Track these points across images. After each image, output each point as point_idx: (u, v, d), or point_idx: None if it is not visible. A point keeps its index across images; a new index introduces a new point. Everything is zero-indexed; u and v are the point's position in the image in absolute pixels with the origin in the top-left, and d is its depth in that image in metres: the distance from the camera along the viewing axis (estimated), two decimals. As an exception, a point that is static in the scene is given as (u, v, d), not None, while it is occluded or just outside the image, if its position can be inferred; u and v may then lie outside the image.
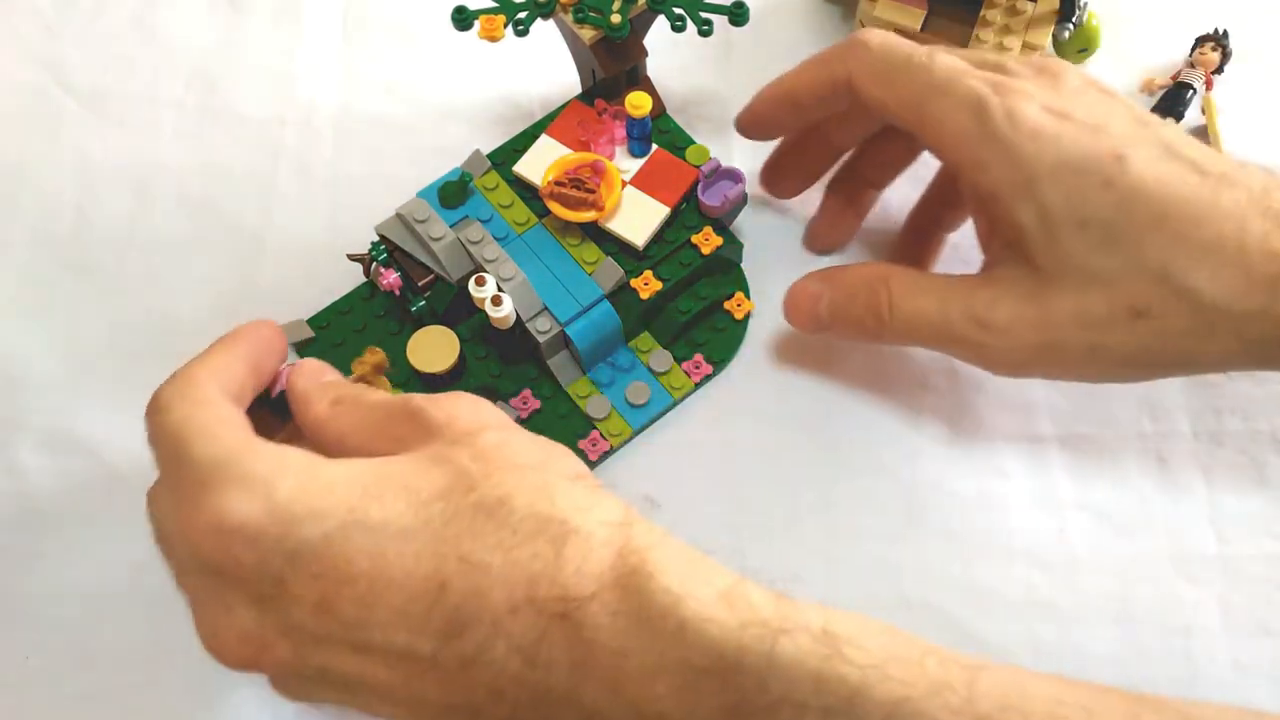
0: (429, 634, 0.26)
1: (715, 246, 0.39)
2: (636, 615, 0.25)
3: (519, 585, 0.26)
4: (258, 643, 0.27)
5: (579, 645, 0.25)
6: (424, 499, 0.27)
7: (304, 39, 0.47)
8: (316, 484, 0.27)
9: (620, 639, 0.25)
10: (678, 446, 0.39)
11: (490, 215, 0.39)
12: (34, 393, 0.40)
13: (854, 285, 0.36)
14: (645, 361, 0.40)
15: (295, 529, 0.26)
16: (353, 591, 0.26)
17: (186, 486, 0.27)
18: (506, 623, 0.25)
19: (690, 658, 0.25)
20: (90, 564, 0.38)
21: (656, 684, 0.25)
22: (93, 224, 0.43)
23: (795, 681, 0.24)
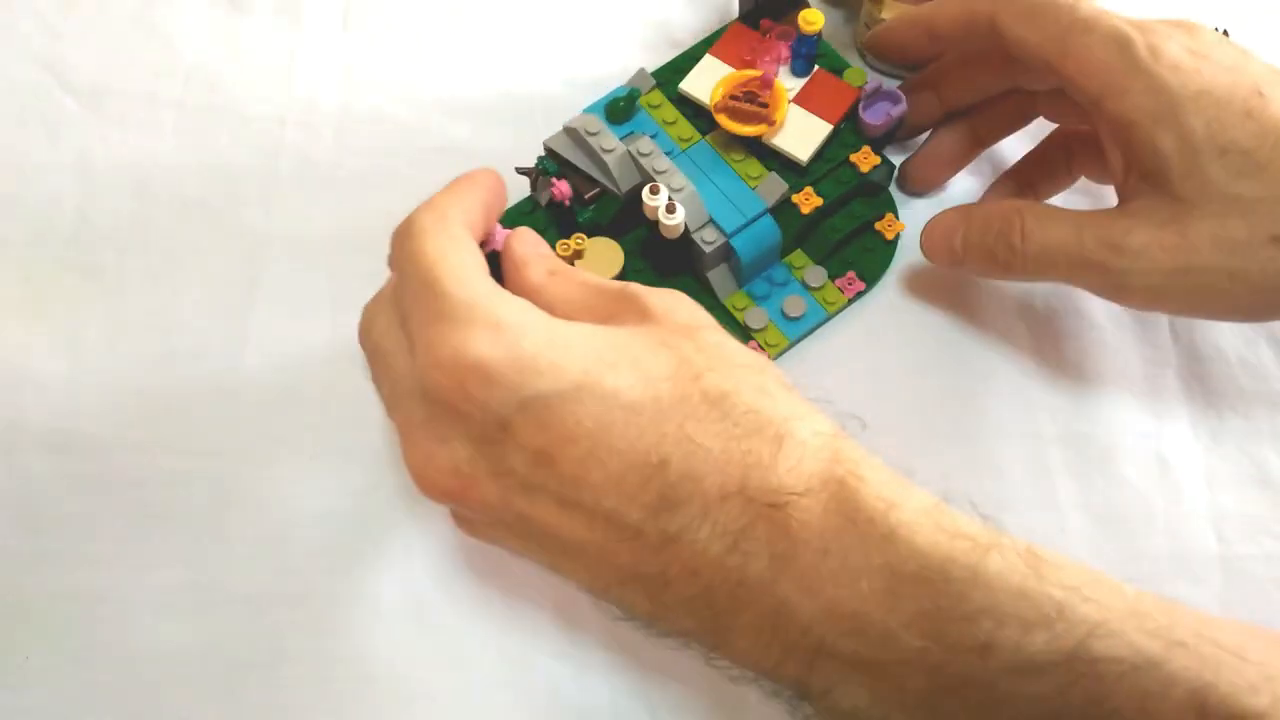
0: (640, 505, 0.26)
1: (873, 165, 0.40)
2: (846, 516, 0.26)
3: (733, 475, 0.26)
4: (467, 479, 0.28)
5: (783, 538, 0.26)
6: (653, 376, 0.27)
7: (304, 38, 0.47)
8: (557, 341, 0.27)
9: (826, 538, 0.26)
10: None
11: (655, 131, 0.41)
12: (34, 393, 0.40)
13: (988, 217, 0.37)
14: (799, 277, 0.41)
15: (533, 379, 0.26)
16: (575, 450, 0.26)
17: (433, 317, 0.27)
18: (716, 508, 0.26)
19: (895, 563, 0.25)
20: (90, 564, 0.38)
21: (858, 584, 0.25)
22: (93, 224, 0.43)
23: (998, 594, 0.25)
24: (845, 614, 0.26)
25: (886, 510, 0.26)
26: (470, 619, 0.37)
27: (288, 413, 0.40)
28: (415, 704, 0.36)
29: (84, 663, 0.36)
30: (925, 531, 0.26)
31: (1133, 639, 0.25)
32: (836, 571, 0.26)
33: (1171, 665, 0.24)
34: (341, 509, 0.38)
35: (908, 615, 0.25)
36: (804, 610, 0.26)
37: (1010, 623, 0.25)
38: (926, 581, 0.25)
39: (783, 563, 0.26)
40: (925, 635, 0.25)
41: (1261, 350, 0.41)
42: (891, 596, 0.25)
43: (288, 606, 0.37)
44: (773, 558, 0.26)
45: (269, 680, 0.36)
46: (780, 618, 0.26)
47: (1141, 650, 0.24)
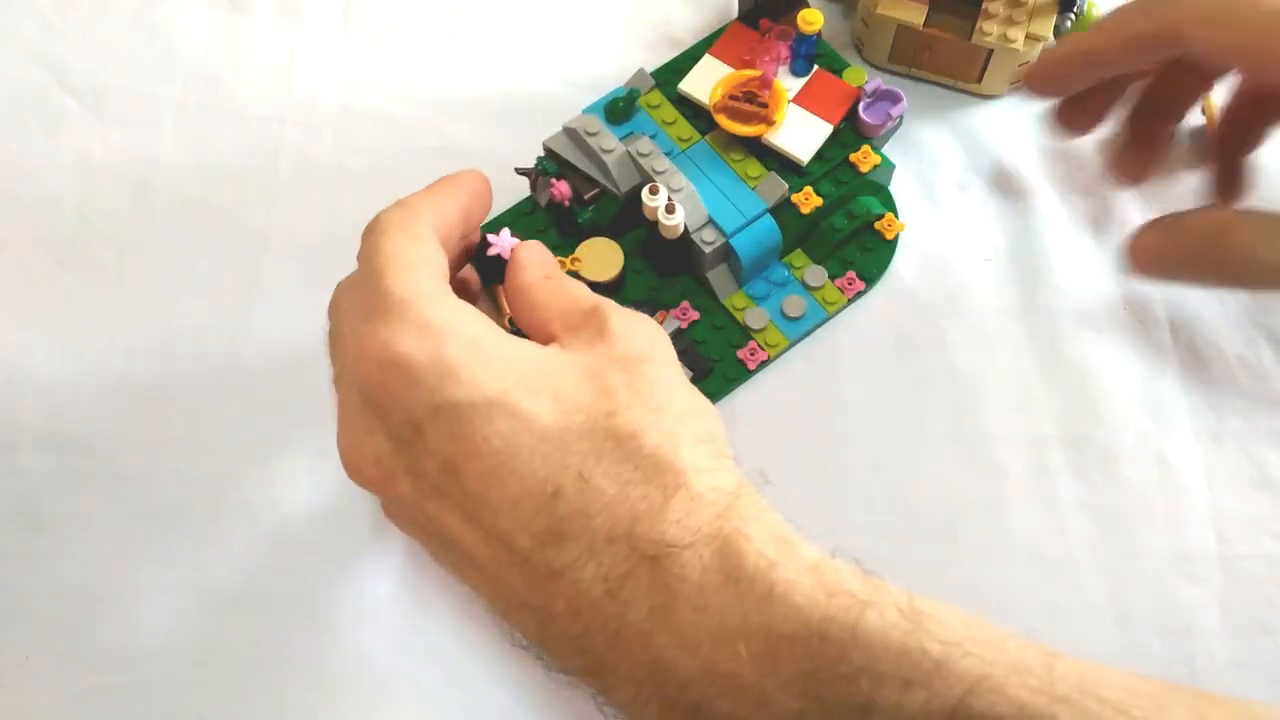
0: (530, 533, 0.27)
1: (873, 165, 0.40)
2: (727, 574, 0.26)
3: (622, 518, 0.26)
4: (387, 472, 0.28)
5: (662, 590, 0.26)
6: (568, 408, 0.28)
7: (304, 38, 0.47)
8: (483, 354, 0.28)
9: (705, 594, 0.26)
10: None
11: (655, 131, 0.41)
12: (34, 393, 0.40)
13: (1204, 231, 0.35)
14: (799, 277, 0.41)
15: (450, 387, 0.27)
16: (478, 466, 0.27)
17: (371, 309, 0.28)
18: (601, 549, 0.26)
19: (773, 623, 0.25)
20: (90, 564, 0.38)
21: (735, 645, 0.25)
22: (93, 224, 0.43)
23: (877, 653, 0.25)
24: (722, 674, 0.25)
25: (768, 569, 0.26)
26: (469, 619, 0.37)
27: (287, 411, 0.40)
28: (414, 703, 0.36)
29: (84, 663, 0.36)
30: (805, 590, 0.25)
31: (1014, 694, 0.24)
32: (714, 630, 0.25)
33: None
34: (341, 509, 0.38)
35: (786, 677, 0.25)
36: (682, 666, 0.26)
37: (889, 682, 0.24)
38: (804, 642, 0.25)
39: (661, 616, 0.26)
40: (803, 697, 0.25)
41: (1261, 350, 0.41)
42: (770, 658, 0.25)
43: (288, 606, 0.37)
44: (652, 609, 0.26)
45: (269, 680, 0.36)
46: (659, 671, 0.26)
47: (1023, 707, 0.24)
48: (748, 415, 0.40)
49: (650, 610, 0.26)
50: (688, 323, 0.40)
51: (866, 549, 0.38)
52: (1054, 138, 0.43)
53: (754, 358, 0.40)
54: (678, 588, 0.26)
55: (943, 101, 0.45)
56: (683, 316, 0.40)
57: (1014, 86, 0.45)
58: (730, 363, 0.40)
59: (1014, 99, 0.45)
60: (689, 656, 0.26)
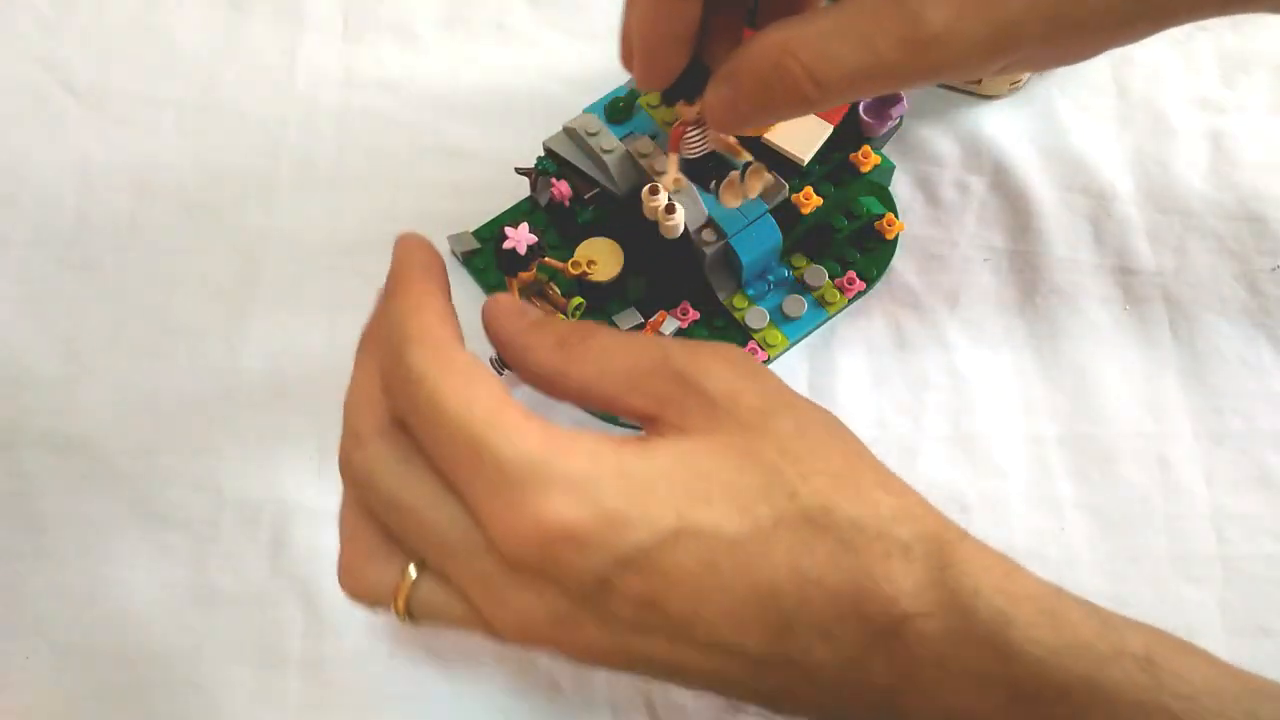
0: (756, 636, 0.25)
1: (873, 165, 0.41)
2: (963, 634, 0.25)
3: (845, 597, 0.25)
4: (569, 625, 0.25)
5: (903, 657, 0.25)
6: (746, 502, 0.25)
7: (304, 38, 0.47)
8: (637, 483, 0.25)
9: (944, 654, 0.25)
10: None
11: (655, 131, 0.41)
12: (34, 393, 0.40)
13: (758, 75, 0.28)
14: (799, 277, 0.41)
15: (627, 534, 0.24)
16: (682, 592, 0.25)
17: (495, 486, 0.24)
18: (834, 630, 0.25)
19: (1014, 677, 0.25)
20: (90, 564, 0.38)
21: (981, 694, 0.25)
22: (93, 224, 0.43)
23: (1117, 709, 0.24)
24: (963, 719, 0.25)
25: (1004, 625, 0.25)
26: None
27: (288, 412, 0.40)
28: (415, 703, 0.36)
29: (84, 663, 0.36)
30: (1044, 643, 0.25)
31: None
32: (958, 679, 0.25)
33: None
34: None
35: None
36: (922, 715, 0.26)
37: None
38: (1046, 700, 0.25)
39: (905, 679, 0.25)
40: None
41: (1262, 350, 0.41)
42: (1016, 704, 0.25)
43: (287, 606, 0.37)
44: (891, 671, 0.25)
45: (269, 680, 0.36)
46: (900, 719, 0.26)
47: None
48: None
49: (890, 671, 0.25)
50: (688, 323, 0.40)
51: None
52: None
53: (754, 358, 0.40)
54: (917, 651, 0.25)
55: (943, 101, 0.45)
56: (683, 316, 0.40)
57: (1014, 86, 0.45)
58: None
59: (1014, 99, 0.45)
60: (932, 706, 0.25)
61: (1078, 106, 0.45)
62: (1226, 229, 0.43)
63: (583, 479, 0.24)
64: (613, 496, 0.24)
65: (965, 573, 0.25)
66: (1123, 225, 0.43)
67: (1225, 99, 0.45)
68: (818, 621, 0.25)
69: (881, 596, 0.25)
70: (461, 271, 0.42)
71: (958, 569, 0.26)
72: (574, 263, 0.39)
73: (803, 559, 0.25)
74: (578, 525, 0.24)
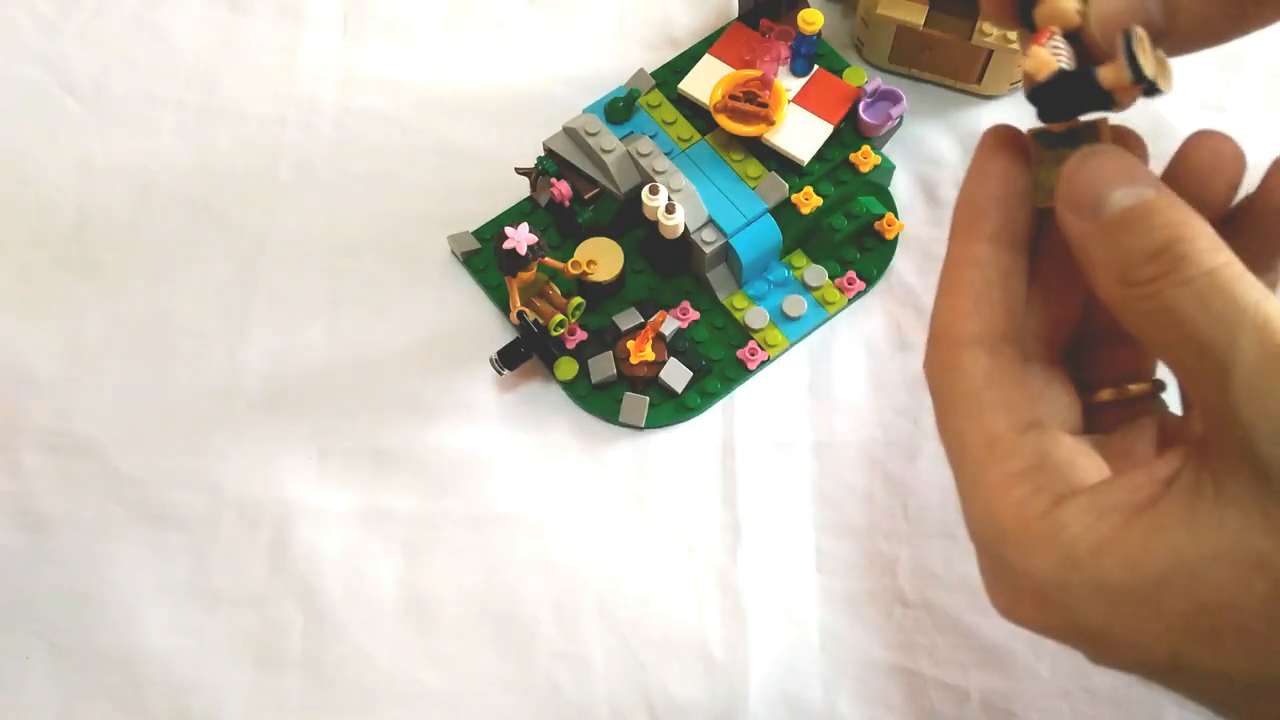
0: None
1: (873, 165, 0.41)
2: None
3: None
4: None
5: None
6: (1254, 645, 0.20)
7: (304, 38, 0.47)
8: (1125, 601, 0.20)
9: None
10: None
11: (655, 131, 0.41)
12: (34, 393, 0.40)
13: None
14: (799, 277, 0.41)
15: (1108, 656, 0.22)
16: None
17: (982, 566, 0.23)
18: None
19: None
20: (90, 564, 0.38)
21: None
22: (93, 224, 0.43)
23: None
24: None
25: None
26: (470, 619, 0.37)
27: (288, 412, 0.40)
28: (415, 704, 0.36)
29: (84, 663, 0.36)
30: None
31: None
32: None
33: None
34: (342, 509, 0.38)
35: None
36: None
37: None
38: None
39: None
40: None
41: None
42: None
43: (287, 606, 0.37)
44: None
45: (269, 681, 0.36)
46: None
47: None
48: (747, 415, 0.40)
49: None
50: (688, 323, 0.40)
51: (867, 549, 0.38)
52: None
53: (754, 358, 0.40)
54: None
55: (943, 101, 0.45)
56: (683, 316, 0.40)
57: (1014, 86, 0.45)
58: (730, 363, 0.40)
59: (1014, 99, 0.45)
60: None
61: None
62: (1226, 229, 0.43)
63: (1054, 593, 0.21)
64: (1089, 616, 0.21)
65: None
66: None
67: (1225, 99, 0.45)
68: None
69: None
70: (461, 271, 0.42)
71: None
72: (574, 263, 0.39)
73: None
74: (1048, 634, 0.22)
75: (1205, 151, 0.25)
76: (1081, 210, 0.21)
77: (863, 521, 0.38)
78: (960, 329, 0.23)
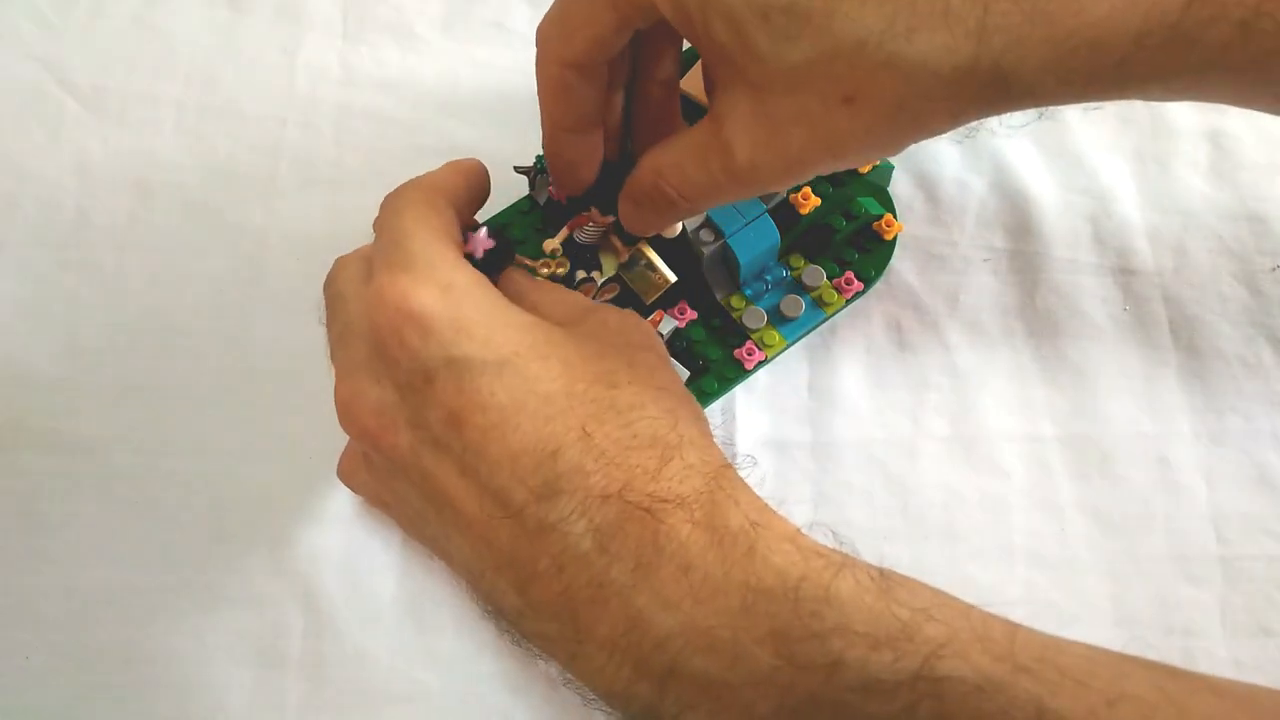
0: (526, 487, 0.27)
1: (872, 165, 0.41)
2: (711, 531, 0.27)
3: (617, 479, 0.27)
4: (387, 422, 0.29)
5: (649, 546, 0.27)
6: (574, 376, 0.29)
7: (304, 38, 0.47)
8: (498, 318, 0.29)
9: (691, 553, 0.27)
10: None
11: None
12: (34, 393, 0.40)
13: (645, 194, 0.34)
14: (797, 277, 0.41)
15: (464, 342, 0.28)
16: (482, 419, 0.28)
17: (392, 265, 0.29)
18: (594, 505, 0.27)
19: (753, 581, 0.26)
20: (90, 564, 0.38)
21: (716, 600, 0.26)
22: (93, 224, 0.43)
23: (849, 613, 0.25)
24: (700, 630, 0.26)
25: (750, 529, 0.27)
26: (470, 619, 0.37)
27: (287, 412, 0.40)
28: (415, 704, 0.36)
29: (84, 663, 0.36)
30: (784, 552, 0.27)
31: (977, 661, 0.24)
32: (697, 587, 0.26)
33: (1014, 689, 0.24)
34: (342, 509, 0.38)
35: (760, 633, 0.25)
36: (660, 624, 0.26)
37: (859, 641, 0.25)
38: (781, 599, 0.26)
39: (645, 572, 0.27)
40: (776, 653, 0.25)
41: (1262, 350, 0.41)
42: (746, 614, 0.26)
43: (287, 606, 0.37)
44: (637, 565, 0.27)
45: (269, 680, 0.36)
46: (635, 629, 0.26)
47: (985, 673, 0.24)
48: (745, 415, 0.40)
49: (635, 566, 0.27)
50: (685, 322, 0.40)
51: (867, 549, 0.38)
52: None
53: (751, 358, 0.40)
54: (664, 545, 0.27)
55: (943, 101, 0.45)
56: (680, 316, 0.40)
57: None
58: (728, 362, 0.40)
59: (1014, 99, 0.45)
60: (668, 614, 0.26)
61: (1078, 106, 0.45)
62: (1226, 229, 0.43)
63: (458, 288, 0.29)
64: (472, 311, 0.29)
65: (731, 489, 0.28)
66: (1123, 225, 0.43)
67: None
68: (584, 491, 0.27)
69: (649, 485, 0.27)
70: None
71: (727, 485, 0.28)
72: (544, 263, 0.38)
73: (595, 430, 0.28)
74: (431, 313, 0.28)
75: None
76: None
77: (863, 521, 0.38)
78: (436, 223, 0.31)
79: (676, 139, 0.33)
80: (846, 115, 0.29)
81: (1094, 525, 0.38)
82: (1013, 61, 0.27)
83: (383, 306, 0.29)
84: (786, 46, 0.28)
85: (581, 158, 0.36)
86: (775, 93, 0.29)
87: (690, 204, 0.33)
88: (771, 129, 0.30)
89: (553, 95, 0.33)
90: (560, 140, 0.35)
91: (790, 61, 0.28)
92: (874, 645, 0.25)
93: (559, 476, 0.27)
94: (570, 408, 0.28)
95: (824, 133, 0.29)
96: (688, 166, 0.32)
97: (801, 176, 0.31)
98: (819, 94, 0.28)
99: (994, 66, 0.27)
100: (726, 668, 0.26)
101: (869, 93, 0.28)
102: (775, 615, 0.25)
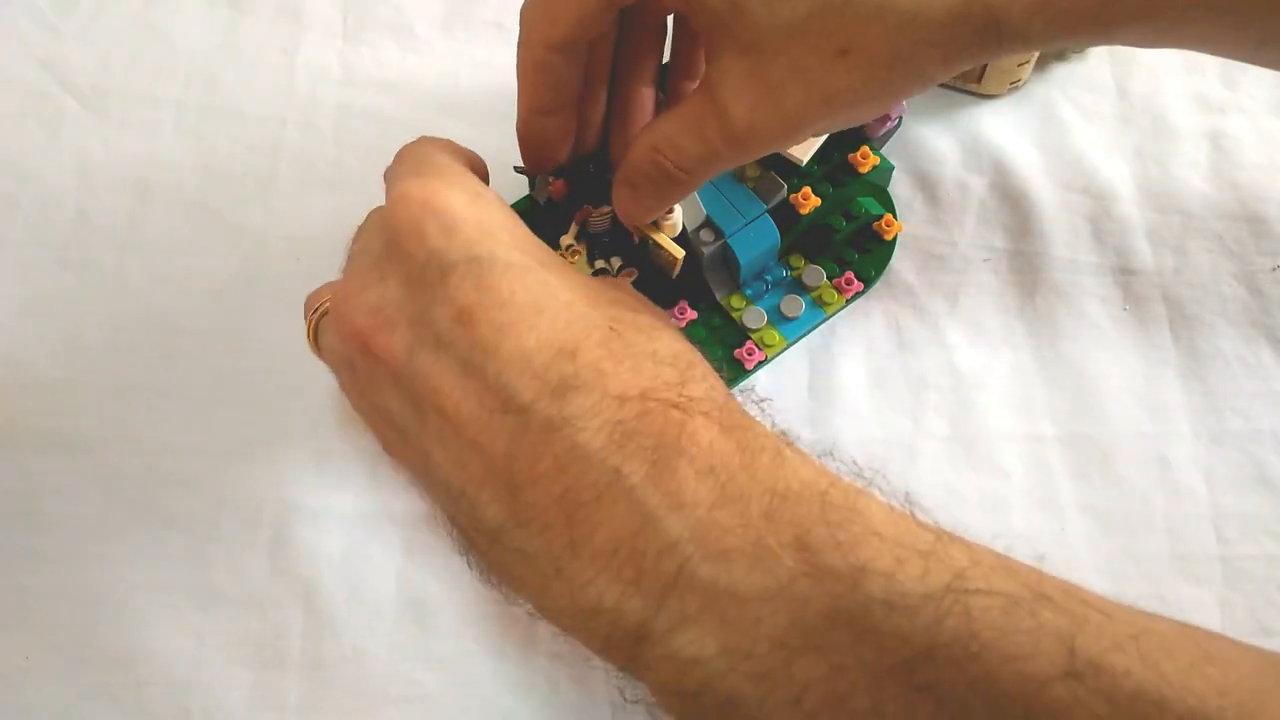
0: (537, 385, 0.26)
1: (873, 166, 0.41)
2: (737, 439, 0.26)
3: (636, 385, 0.26)
4: (384, 320, 0.28)
5: (671, 447, 0.25)
6: (595, 298, 0.28)
7: (304, 38, 0.47)
8: (524, 233, 0.29)
9: (713, 457, 0.25)
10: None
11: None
12: (34, 393, 0.40)
13: (643, 173, 0.33)
14: (797, 277, 0.41)
15: (489, 243, 0.27)
16: (498, 315, 0.26)
17: (421, 173, 0.29)
18: (612, 405, 0.26)
19: (780, 486, 0.25)
20: (90, 564, 0.38)
21: (736, 505, 0.25)
22: (93, 224, 0.43)
23: (875, 524, 0.25)
24: (716, 533, 0.24)
25: (775, 442, 0.26)
26: (470, 619, 0.37)
27: (287, 413, 0.40)
28: (415, 704, 0.36)
29: (84, 663, 0.36)
30: (812, 465, 0.26)
31: (1003, 585, 0.24)
32: (715, 491, 0.25)
33: (1040, 615, 0.23)
34: (342, 509, 0.38)
35: (786, 538, 0.24)
36: (670, 527, 0.24)
37: (884, 555, 0.24)
38: (808, 503, 0.25)
39: (660, 470, 0.25)
40: (800, 559, 0.24)
41: (1261, 350, 0.41)
42: (769, 519, 0.24)
43: (287, 606, 0.37)
44: (653, 464, 0.25)
45: (269, 680, 0.36)
46: (642, 535, 0.24)
47: (1011, 595, 0.24)
48: (747, 415, 0.40)
49: (652, 465, 0.25)
50: (685, 322, 0.40)
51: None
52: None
53: (751, 358, 0.40)
54: (686, 446, 0.25)
55: (943, 101, 0.45)
56: (680, 316, 0.40)
57: (1013, 86, 0.45)
58: (727, 362, 0.40)
59: (1014, 99, 0.45)
60: (681, 515, 0.25)
61: (1078, 106, 0.45)
62: (1226, 229, 0.43)
63: (487, 198, 0.29)
64: (501, 218, 0.28)
65: (747, 411, 0.28)
66: (1123, 225, 0.43)
67: (1225, 99, 0.45)
68: (601, 391, 0.26)
69: (671, 390, 0.26)
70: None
71: (743, 413, 0.28)
72: (560, 254, 0.39)
73: (616, 342, 0.27)
74: (459, 213, 0.27)
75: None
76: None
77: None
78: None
79: (669, 113, 0.32)
80: (843, 68, 0.29)
81: (1094, 525, 0.38)
82: (1002, 3, 0.28)
83: (407, 202, 0.28)
84: (778, 3, 0.28)
85: (555, 137, 0.35)
86: (769, 52, 0.29)
87: (689, 176, 0.32)
88: (767, 89, 0.30)
89: (533, 78, 0.33)
90: (535, 123, 0.35)
91: (783, 18, 0.28)
92: (900, 560, 0.24)
93: (576, 373, 0.26)
94: (591, 315, 0.27)
95: (820, 88, 0.29)
96: (684, 137, 0.32)
97: (800, 136, 0.31)
98: (813, 49, 0.29)
99: (985, 10, 0.28)
100: (741, 576, 0.24)
101: (863, 43, 0.28)
102: (800, 521, 0.24)
